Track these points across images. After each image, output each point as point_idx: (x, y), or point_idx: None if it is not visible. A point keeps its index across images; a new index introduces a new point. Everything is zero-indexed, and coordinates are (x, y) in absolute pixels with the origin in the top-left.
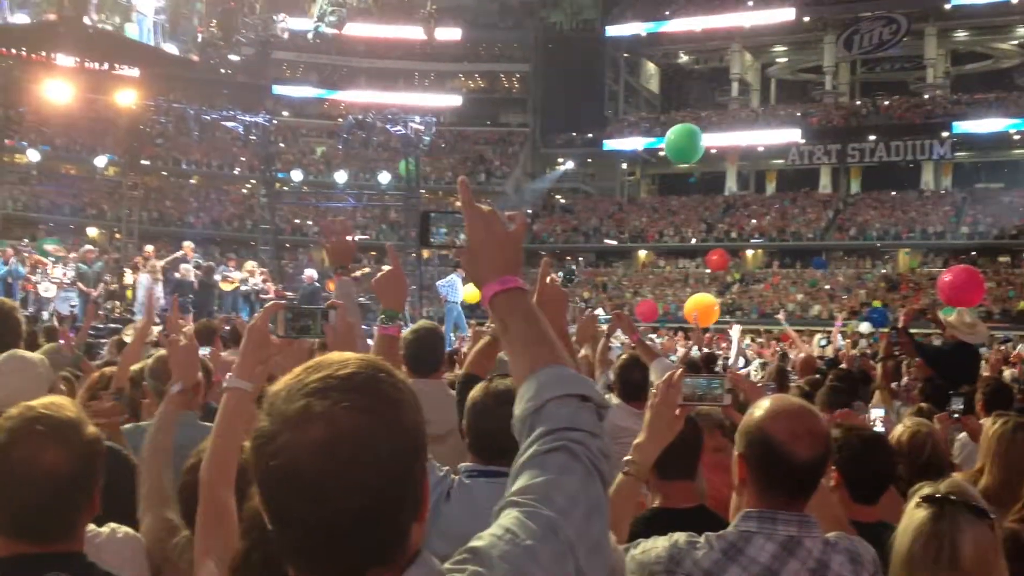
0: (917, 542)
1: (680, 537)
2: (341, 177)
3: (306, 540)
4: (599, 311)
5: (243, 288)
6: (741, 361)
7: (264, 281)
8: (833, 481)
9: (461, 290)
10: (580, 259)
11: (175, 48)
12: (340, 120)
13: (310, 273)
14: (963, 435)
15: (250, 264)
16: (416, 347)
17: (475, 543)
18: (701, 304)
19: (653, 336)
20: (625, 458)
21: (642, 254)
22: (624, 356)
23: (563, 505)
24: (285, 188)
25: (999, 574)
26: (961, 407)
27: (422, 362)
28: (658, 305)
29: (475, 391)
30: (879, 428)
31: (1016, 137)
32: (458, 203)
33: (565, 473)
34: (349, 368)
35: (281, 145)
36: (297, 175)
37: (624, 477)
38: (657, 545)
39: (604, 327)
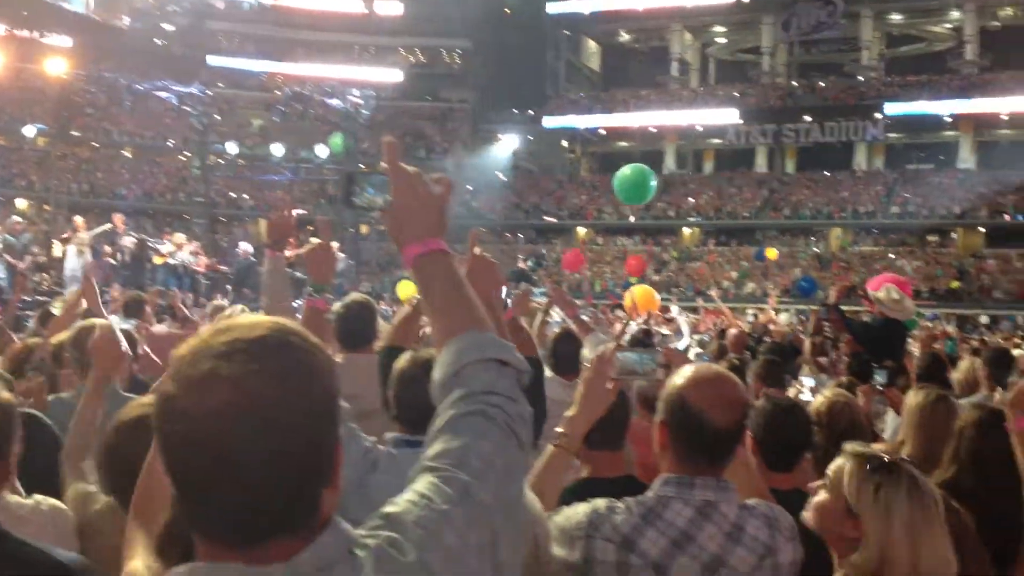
0: (893, 495)
1: (600, 503)
2: (278, 150)
3: (209, 507)
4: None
5: (171, 261)
6: (685, 340)
7: (194, 254)
8: (749, 447)
9: None
10: (520, 235)
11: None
12: (277, 93)
13: (245, 247)
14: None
15: (179, 236)
16: (347, 321)
17: (389, 509)
18: (642, 298)
19: (594, 310)
20: (556, 429)
21: (581, 231)
22: (558, 330)
23: (479, 469)
24: (220, 161)
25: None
26: (884, 380)
27: (353, 336)
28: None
29: (401, 361)
30: (807, 397)
31: (947, 119)
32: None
33: (481, 437)
34: (259, 331)
35: (216, 117)
36: (232, 147)
37: (554, 449)
38: (578, 511)
39: (541, 302)
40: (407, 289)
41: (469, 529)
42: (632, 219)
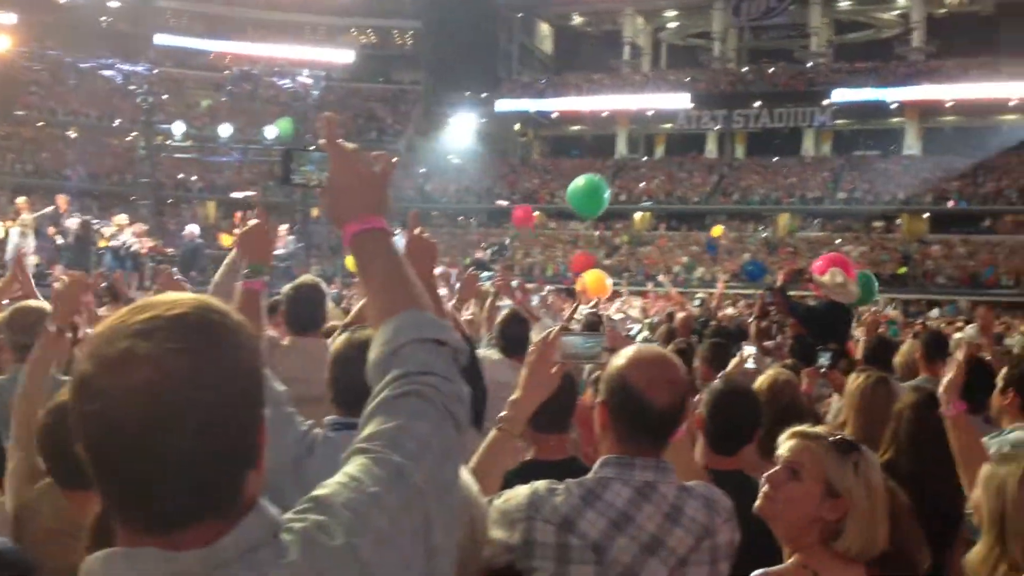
0: (876, 475)
1: (541, 485)
2: (225, 131)
3: (128, 490)
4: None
5: (113, 244)
6: (635, 326)
7: (138, 236)
8: (697, 425)
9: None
10: (472, 219)
11: None
12: (226, 73)
13: (191, 229)
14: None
15: (120, 218)
16: (296, 304)
17: (318, 491)
18: (593, 283)
19: (544, 294)
20: (500, 414)
21: (534, 215)
22: (506, 312)
23: (413, 450)
24: (168, 141)
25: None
26: (828, 363)
27: (302, 319)
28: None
29: (338, 342)
30: (750, 365)
31: (893, 106)
32: (323, 142)
33: (416, 417)
34: (179, 308)
35: (164, 97)
36: (179, 128)
37: (497, 432)
38: (518, 494)
39: (487, 286)
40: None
41: (401, 512)
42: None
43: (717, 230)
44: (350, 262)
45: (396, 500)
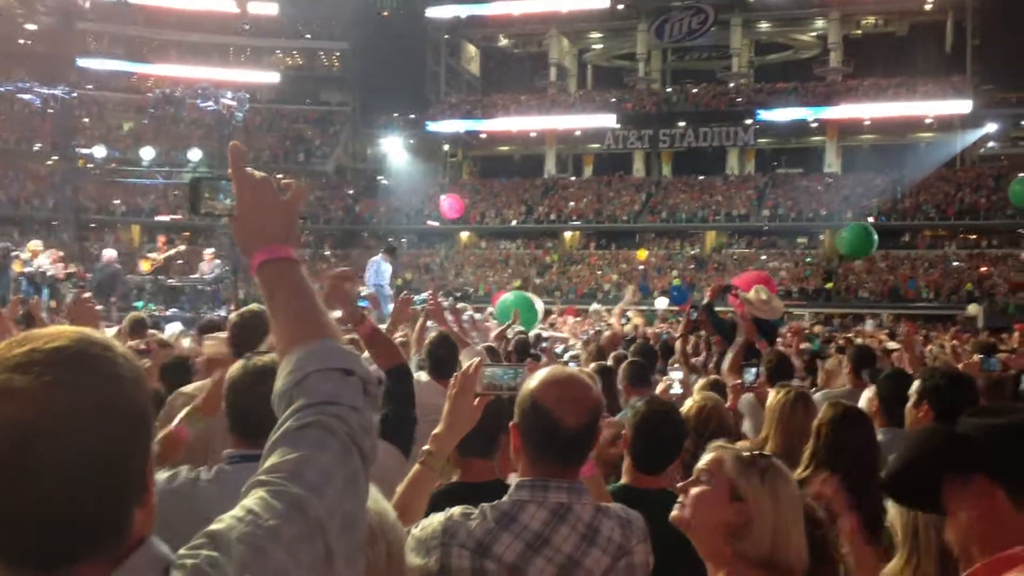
0: (782, 482)
1: (456, 510)
2: (148, 154)
3: (5, 528)
4: (422, 295)
5: (27, 269)
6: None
7: (54, 262)
8: (623, 445)
9: (386, 273)
10: (403, 240)
11: None
12: (149, 95)
13: (109, 254)
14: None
15: (34, 243)
16: (241, 331)
17: (213, 527)
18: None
19: (478, 316)
20: (423, 448)
21: (464, 235)
22: (434, 334)
23: (315, 482)
24: (89, 165)
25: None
26: (754, 378)
27: (246, 347)
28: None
29: (233, 368)
30: (676, 389)
31: (813, 125)
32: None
33: (319, 449)
34: (59, 341)
35: (85, 120)
36: (100, 151)
37: (420, 467)
38: (434, 521)
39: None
40: None
41: (299, 545)
42: (514, 223)
43: (642, 253)
44: None
45: (294, 533)
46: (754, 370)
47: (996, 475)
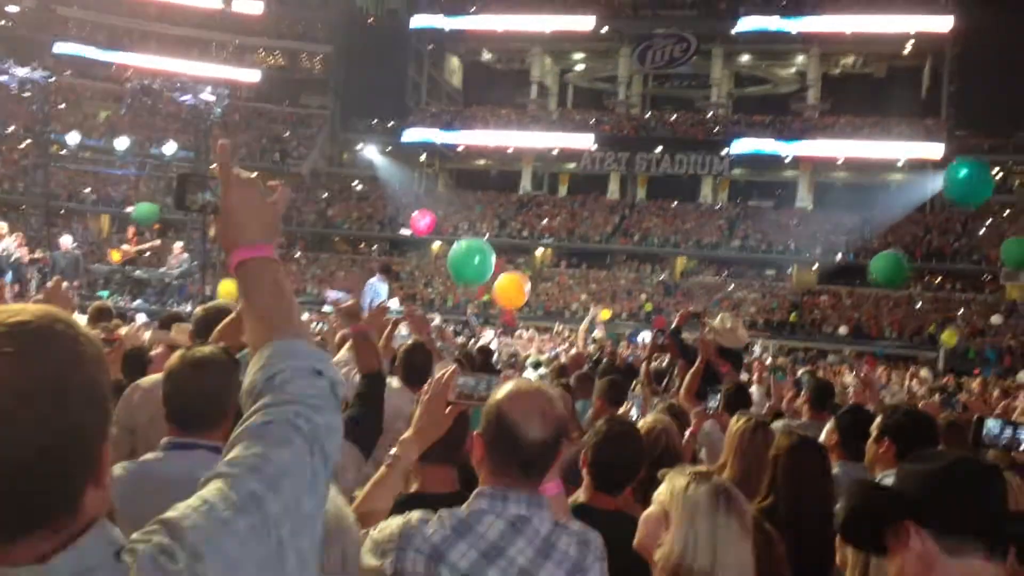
0: (706, 499)
1: (414, 515)
2: (122, 144)
3: None
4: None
5: None
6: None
7: (18, 245)
8: (582, 464)
9: (383, 293)
10: (374, 247)
11: None
12: (127, 85)
13: (65, 241)
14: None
15: (0, 225)
16: (205, 326)
17: (168, 514)
18: (507, 292)
19: (437, 323)
20: (391, 451)
21: (436, 246)
22: (409, 340)
23: (273, 477)
24: (62, 152)
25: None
26: (716, 404)
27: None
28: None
29: (172, 358)
30: (635, 413)
31: (787, 159)
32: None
33: (281, 445)
34: (22, 316)
35: (62, 106)
36: (74, 138)
37: (386, 469)
38: (392, 524)
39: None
40: (227, 288)
41: (251, 539)
42: (487, 236)
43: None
44: (224, 287)
45: (248, 526)
46: (717, 396)
47: (923, 521)
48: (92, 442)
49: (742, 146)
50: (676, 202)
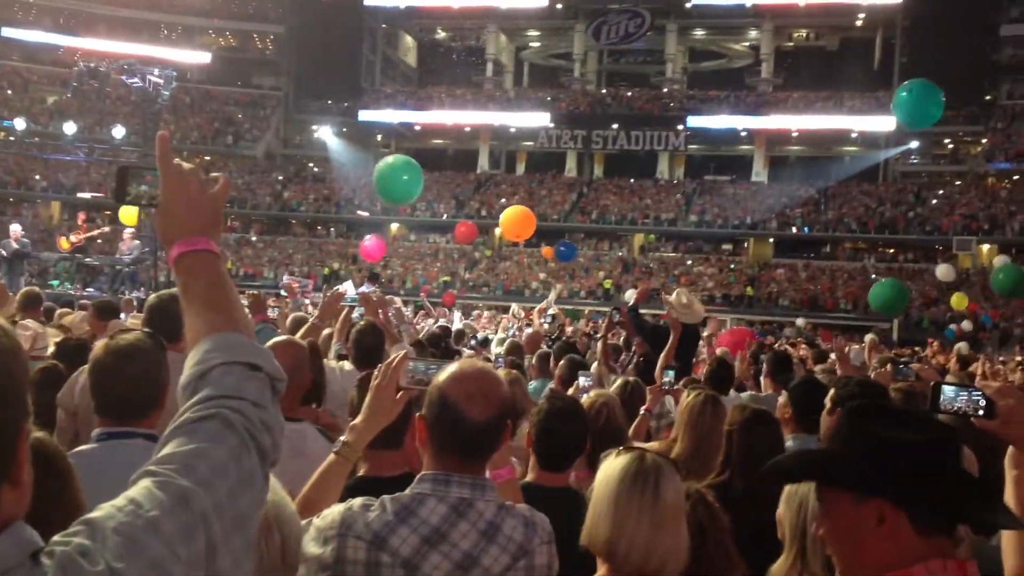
0: (624, 481)
1: (356, 502)
2: (69, 128)
3: None
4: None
5: None
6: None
7: None
8: (527, 444)
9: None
10: (331, 229)
11: None
12: (74, 69)
13: (15, 229)
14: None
15: None
16: (158, 314)
17: (92, 514)
18: (514, 224)
19: (397, 306)
20: (340, 438)
21: (394, 227)
22: (362, 323)
23: (205, 475)
24: (11, 138)
25: (684, 525)
26: (671, 380)
27: (162, 331)
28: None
29: (97, 348)
30: (585, 387)
31: (742, 134)
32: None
33: (215, 442)
34: None
35: (8, 92)
36: (21, 124)
37: (335, 456)
38: (334, 511)
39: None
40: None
41: (179, 539)
42: (445, 216)
43: (547, 251)
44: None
45: (175, 526)
46: (672, 372)
47: (900, 503)
48: (9, 439)
49: (698, 121)
50: (633, 179)
